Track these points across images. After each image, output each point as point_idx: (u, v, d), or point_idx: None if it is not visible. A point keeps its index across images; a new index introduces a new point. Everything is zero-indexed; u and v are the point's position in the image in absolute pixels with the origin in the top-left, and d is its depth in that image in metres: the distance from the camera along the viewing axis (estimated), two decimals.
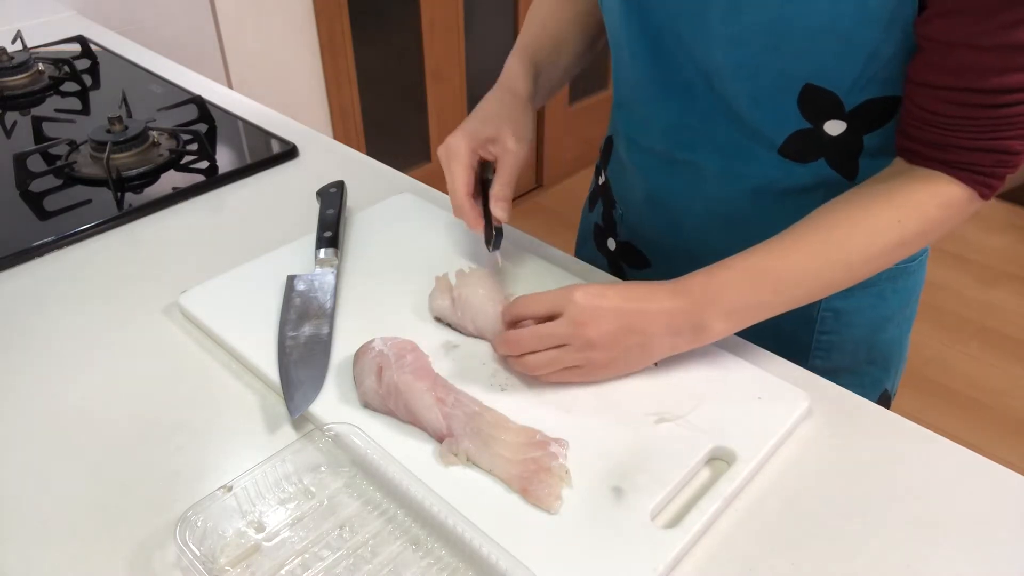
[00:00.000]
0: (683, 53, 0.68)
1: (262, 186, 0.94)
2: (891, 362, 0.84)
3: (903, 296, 0.80)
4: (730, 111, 0.69)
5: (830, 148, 0.68)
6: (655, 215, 0.82)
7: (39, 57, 1.24)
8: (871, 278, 0.75)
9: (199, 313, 0.70)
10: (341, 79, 2.04)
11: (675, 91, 0.72)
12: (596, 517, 0.52)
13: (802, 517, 0.53)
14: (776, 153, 0.69)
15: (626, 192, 0.86)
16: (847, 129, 0.66)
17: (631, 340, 0.60)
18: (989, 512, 0.54)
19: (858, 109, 0.65)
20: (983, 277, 2.41)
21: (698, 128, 0.72)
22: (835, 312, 0.78)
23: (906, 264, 0.77)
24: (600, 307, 0.60)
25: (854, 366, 0.81)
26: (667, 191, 0.79)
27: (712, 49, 0.66)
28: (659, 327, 0.60)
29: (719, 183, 0.74)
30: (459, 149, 0.70)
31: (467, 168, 0.70)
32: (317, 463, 0.56)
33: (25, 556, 0.52)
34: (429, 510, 0.52)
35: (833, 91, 0.64)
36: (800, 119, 0.67)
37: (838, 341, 0.80)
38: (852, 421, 0.61)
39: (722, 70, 0.67)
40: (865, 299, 0.78)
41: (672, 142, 0.76)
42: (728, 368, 0.64)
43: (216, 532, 0.51)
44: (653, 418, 0.59)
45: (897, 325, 0.81)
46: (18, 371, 0.67)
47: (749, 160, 0.71)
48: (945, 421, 1.92)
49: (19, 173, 0.91)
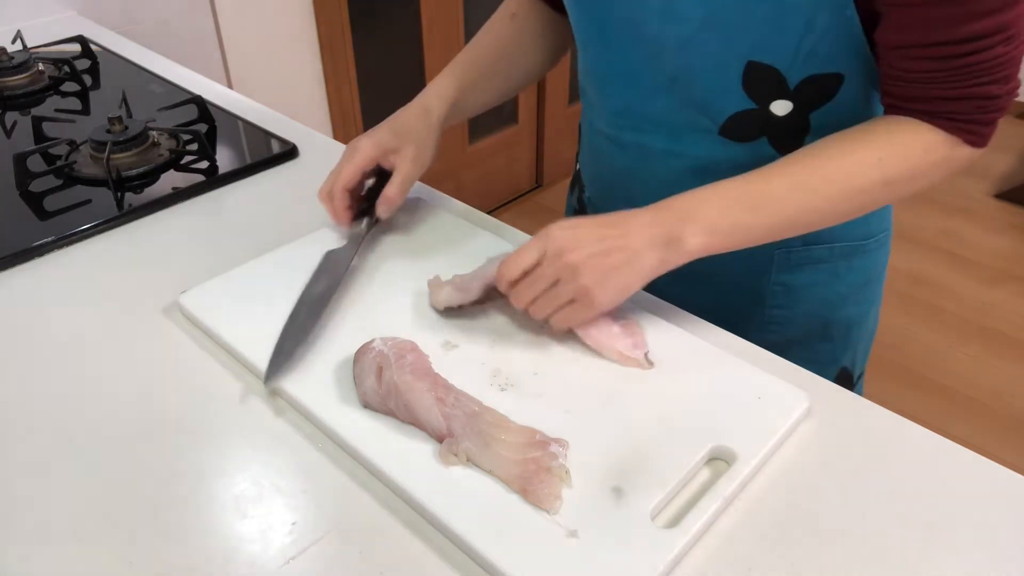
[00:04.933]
0: (626, 34, 0.70)
1: (262, 186, 0.94)
2: (849, 340, 0.85)
3: (860, 274, 0.81)
4: (673, 90, 0.70)
5: (775, 128, 0.69)
6: (613, 197, 0.84)
7: (39, 57, 1.25)
8: (823, 254, 0.78)
9: (199, 313, 0.70)
10: (341, 79, 2.04)
11: (621, 73, 0.74)
12: (596, 517, 0.52)
13: (802, 517, 0.53)
14: (717, 133, 0.71)
15: (590, 176, 0.89)
16: (793, 109, 0.68)
17: (616, 258, 0.61)
18: (989, 512, 0.54)
19: (802, 86, 0.66)
20: (983, 277, 2.41)
21: (641, 110, 0.74)
22: (785, 287, 0.79)
23: (861, 242, 0.79)
24: (576, 233, 0.61)
25: (806, 340, 0.82)
26: (621, 173, 0.81)
27: (654, 26, 0.67)
28: (641, 240, 0.61)
29: (664, 164, 0.76)
30: (363, 151, 0.76)
31: (359, 170, 0.77)
32: None
33: (25, 556, 0.52)
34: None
35: (775, 67, 0.65)
36: (745, 99, 0.68)
37: (789, 316, 0.81)
38: (852, 421, 0.61)
39: (665, 49, 0.68)
40: (817, 275, 0.79)
41: (619, 124, 0.78)
42: (728, 368, 0.64)
43: None
44: (653, 418, 0.59)
45: (856, 304, 0.82)
46: (18, 371, 0.67)
47: (691, 141, 0.73)
48: (945, 421, 1.92)
49: (19, 173, 0.91)
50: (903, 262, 2.45)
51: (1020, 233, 2.62)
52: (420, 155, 0.78)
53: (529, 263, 0.62)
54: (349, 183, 0.77)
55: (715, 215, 0.62)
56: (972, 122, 0.61)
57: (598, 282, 0.61)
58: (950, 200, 2.77)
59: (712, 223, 0.62)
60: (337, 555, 0.51)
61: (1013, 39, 0.58)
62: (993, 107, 0.61)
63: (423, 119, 0.79)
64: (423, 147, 0.78)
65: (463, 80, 0.82)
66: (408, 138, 0.78)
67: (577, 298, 0.61)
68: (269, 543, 0.52)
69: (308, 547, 0.51)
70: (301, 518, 0.53)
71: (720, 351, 0.65)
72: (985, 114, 0.61)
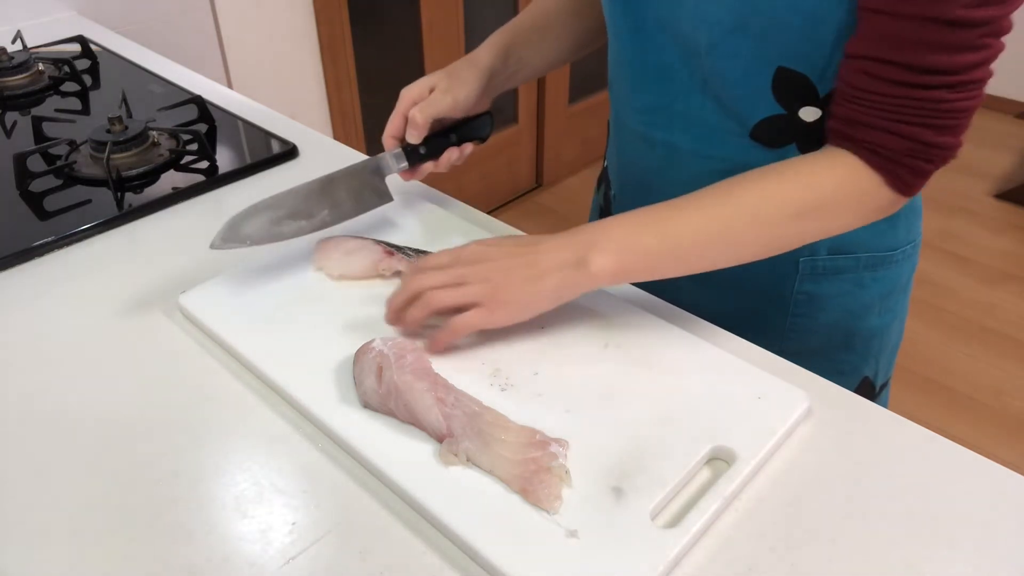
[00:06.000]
0: (662, 32, 0.70)
1: (262, 186, 0.94)
2: (871, 350, 0.84)
3: (884, 285, 0.80)
4: (706, 91, 0.70)
5: (804, 134, 0.69)
6: (640, 195, 0.84)
7: (39, 57, 1.24)
8: (848, 264, 0.77)
9: (199, 313, 0.70)
10: (341, 79, 2.04)
11: (653, 70, 0.73)
12: (596, 517, 0.52)
13: (802, 517, 0.53)
14: (747, 137, 0.71)
15: (617, 173, 0.88)
16: (822, 116, 0.67)
17: (522, 273, 0.62)
18: (988, 512, 0.54)
19: (832, 95, 0.65)
20: (983, 277, 2.41)
21: (673, 108, 0.74)
22: (808, 295, 0.79)
23: (888, 253, 0.78)
24: (489, 249, 0.64)
25: (827, 351, 0.82)
26: (649, 171, 0.81)
27: (687, 28, 0.67)
28: (549, 261, 0.62)
29: (693, 164, 0.76)
30: (405, 95, 0.80)
31: (401, 113, 0.79)
32: None
33: (25, 556, 0.52)
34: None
35: (806, 75, 0.65)
36: (774, 104, 0.68)
37: (811, 325, 0.80)
38: (852, 421, 0.61)
39: (698, 49, 0.68)
40: (841, 285, 0.78)
41: (650, 122, 0.77)
42: (728, 368, 0.64)
43: None
44: (653, 418, 0.59)
45: (879, 314, 0.82)
46: (18, 371, 0.67)
47: (721, 143, 0.73)
48: (945, 421, 1.92)
49: (19, 173, 0.91)
50: None
51: (1020, 233, 2.62)
52: (455, 88, 0.78)
53: (443, 263, 0.65)
54: (395, 131, 0.79)
55: (621, 237, 0.62)
56: (900, 164, 0.60)
57: (503, 289, 0.62)
58: (950, 200, 2.77)
59: (618, 246, 0.61)
60: (337, 555, 0.51)
61: (961, 87, 0.57)
62: (925, 155, 0.59)
63: (467, 63, 0.80)
64: (459, 81, 0.78)
65: (512, 37, 0.83)
66: (443, 75, 0.79)
67: (480, 301, 0.62)
68: (269, 543, 0.52)
69: (308, 547, 0.51)
70: (301, 518, 0.53)
71: (720, 351, 0.65)
72: (914, 159, 0.60)
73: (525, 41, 0.84)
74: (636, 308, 0.70)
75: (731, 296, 0.79)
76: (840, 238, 0.74)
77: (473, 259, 0.63)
